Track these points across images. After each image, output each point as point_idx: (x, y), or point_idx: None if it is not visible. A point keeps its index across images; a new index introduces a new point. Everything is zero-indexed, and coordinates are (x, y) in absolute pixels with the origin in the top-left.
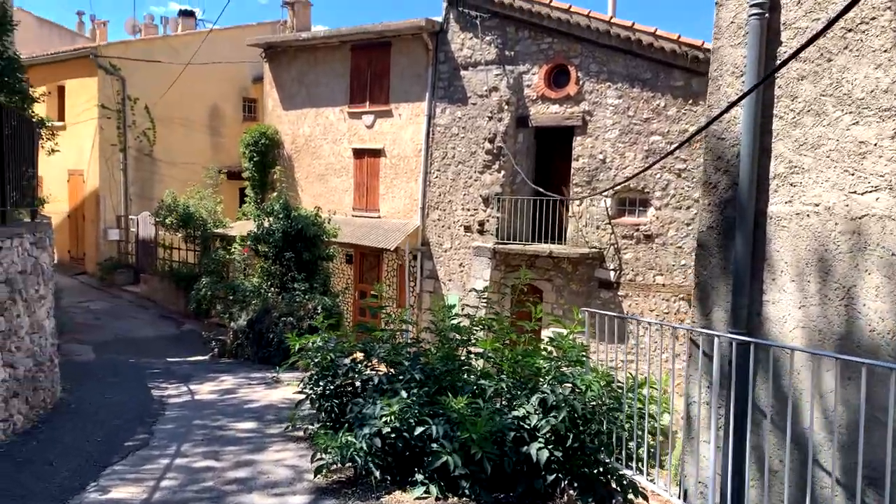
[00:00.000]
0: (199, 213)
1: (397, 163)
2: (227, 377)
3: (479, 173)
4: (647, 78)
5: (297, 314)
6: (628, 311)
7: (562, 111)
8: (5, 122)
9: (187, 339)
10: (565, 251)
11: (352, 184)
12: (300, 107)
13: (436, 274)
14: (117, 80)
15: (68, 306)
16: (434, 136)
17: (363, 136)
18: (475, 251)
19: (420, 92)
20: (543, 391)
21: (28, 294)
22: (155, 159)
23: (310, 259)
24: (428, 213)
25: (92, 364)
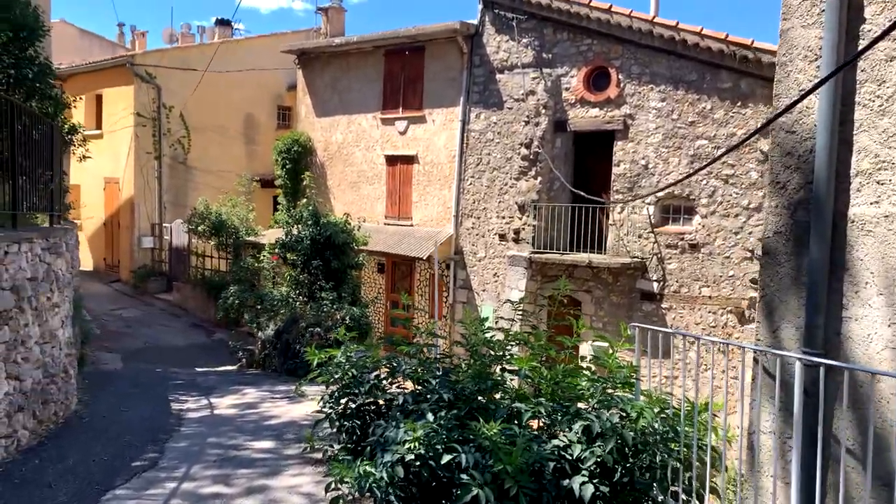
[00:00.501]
0: (231, 221)
1: (430, 169)
2: (250, 390)
3: (515, 180)
4: (693, 80)
5: (324, 324)
6: (672, 325)
7: (602, 115)
8: (20, 124)
9: (217, 348)
10: (605, 261)
11: (384, 191)
12: (333, 113)
13: (469, 284)
14: (153, 88)
15: (101, 314)
16: (468, 141)
17: (396, 142)
18: (510, 260)
19: (454, 97)
20: (588, 417)
21: (39, 302)
22: (189, 167)
23: (338, 267)
24: (462, 221)
25: (117, 373)
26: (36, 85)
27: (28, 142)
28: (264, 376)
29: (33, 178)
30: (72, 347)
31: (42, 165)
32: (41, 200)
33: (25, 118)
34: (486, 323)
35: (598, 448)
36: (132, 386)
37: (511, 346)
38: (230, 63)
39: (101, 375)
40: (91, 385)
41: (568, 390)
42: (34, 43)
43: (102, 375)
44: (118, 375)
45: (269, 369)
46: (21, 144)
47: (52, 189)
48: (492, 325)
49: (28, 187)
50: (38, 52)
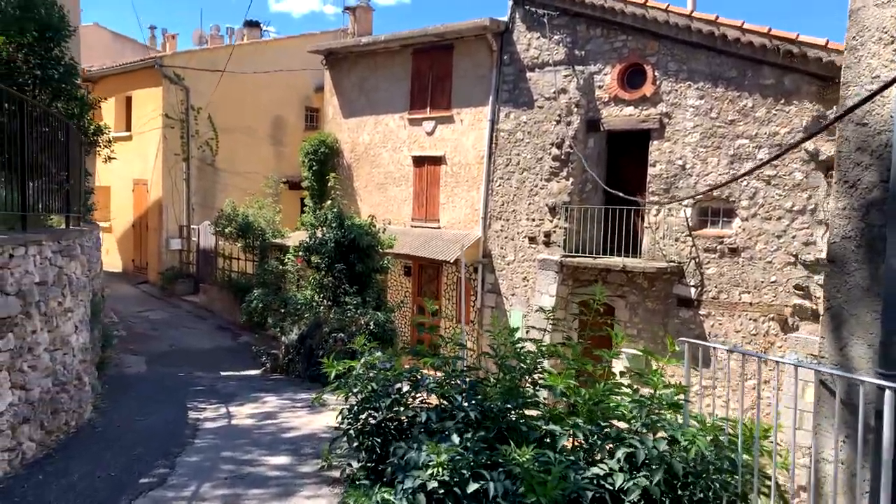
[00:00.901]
0: (258, 223)
1: (458, 171)
2: (270, 397)
3: (546, 181)
4: (733, 76)
5: (347, 330)
6: (710, 332)
7: (637, 113)
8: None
9: (242, 351)
10: (640, 265)
11: (411, 193)
12: (360, 114)
13: (498, 288)
14: (181, 89)
15: (128, 315)
16: (497, 141)
17: (423, 143)
18: (540, 264)
19: (483, 96)
20: (632, 443)
21: (49, 307)
22: (217, 169)
23: (363, 271)
24: (490, 224)
25: (140, 378)
26: (62, 85)
27: (41, 141)
28: (287, 382)
29: (47, 179)
30: (87, 353)
31: (58, 165)
32: (56, 201)
33: (37, 116)
34: (517, 331)
35: (644, 478)
36: (152, 391)
37: (543, 359)
38: (258, 64)
39: (123, 380)
40: (111, 390)
41: (608, 411)
42: (60, 43)
43: (124, 380)
44: (140, 380)
45: (293, 375)
46: (32, 143)
47: (68, 189)
48: (522, 335)
49: (41, 188)
50: (64, 53)
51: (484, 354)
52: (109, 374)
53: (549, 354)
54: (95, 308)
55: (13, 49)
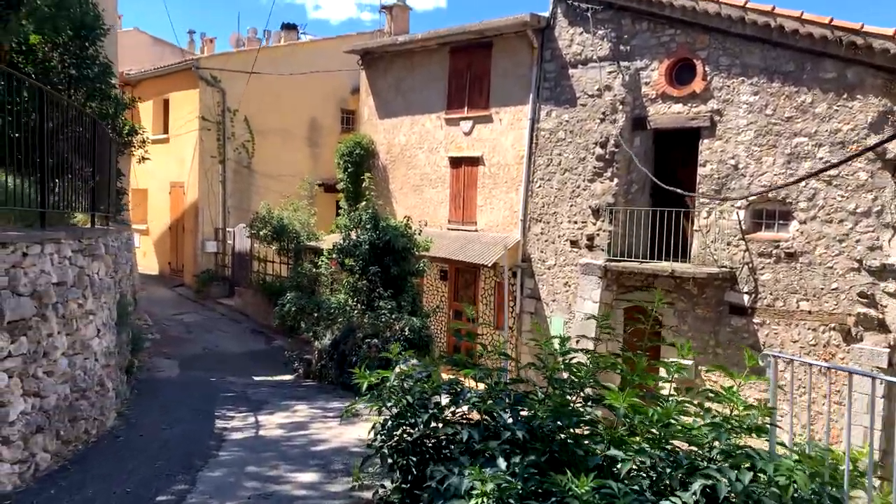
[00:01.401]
0: (293, 226)
1: (497, 172)
2: (302, 406)
3: (589, 182)
4: (790, 70)
5: (382, 335)
6: (765, 342)
7: (685, 111)
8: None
9: (275, 355)
10: (690, 270)
11: (448, 195)
12: (396, 115)
13: (538, 293)
14: (218, 91)
15: (162, 318)
16: (538, 141)
17: (460, 143)
18: (583, 269)
19: (523, 94)
20: (710, 474)
21: (67, 310)
22: (253, 171)
23: (398, 274)
24: (530, 226)
25: (170, 382)
26: (97, 85)
27: (64, 136)
28: (319, 389)
29: (71, 176)
30: (112, 357)
31: (83, 162)
32: (81, 199)
33: (59, 108)
34: (567, 340)
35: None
36: (181, 397)
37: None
38: (294, 66)
39: (154, 384)
40: (139, 395)
41: (677, 433)
42: (95, 42)
43: (155, 384)
44: (171, 384)
45: (325, 381)
46: (52, 138)
47: (93, 187)
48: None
49: (65, 185)
50: (99, 52)
51: (529, 366)
52: (140, 379)
53: (605, 367)
54: (122, 310)
55: (48, 48)
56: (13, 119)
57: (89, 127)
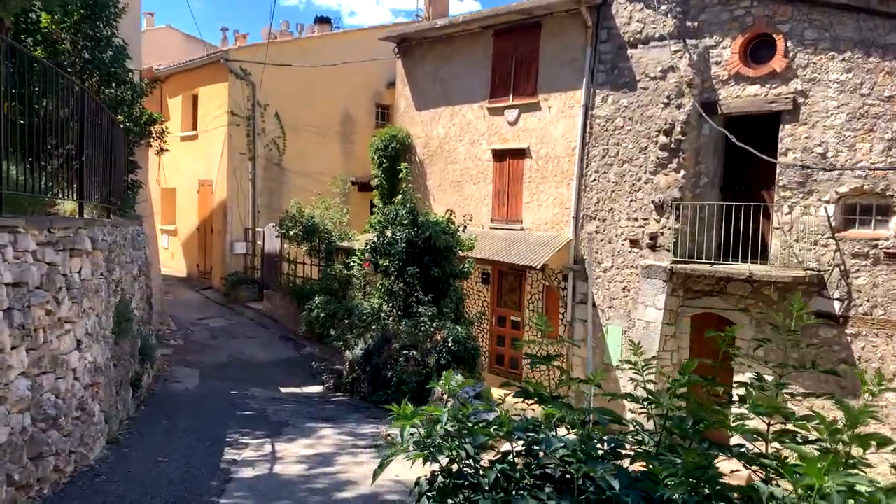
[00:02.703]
0: (324, 225)
1: (545, 164)
2: (328, 430)
3: (651, 174)
4: (891, 43)
5: (421, 346)
6: (860, 357)
7: (763, 93)
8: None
9: (304, 364)
10: (770, 273)
11: (490, 191)
12: (434, 105)
13: (592, 299)
14: (247, 85)
15: (187, 323)
16: (592, 130)
17: (505, 134)
18: (645, 271)
19: (575, 79)
20: None
21: (30, 318)
22: (284, 169)
23: (439, 276)
24: (583, 225)
25: (186, 396)
26: (111, 69)
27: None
28: (349, 407)
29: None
30: (101, 374)
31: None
32: (63, 184)
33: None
34: (615, 347)
35: None
36: (193, 416)
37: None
38: (328, 58)
39: (165, 399)
40: (147, 414)
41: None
42: (109, 22)
43: (166, 399)
44: (185, 399)
45: (357, 396)
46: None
47: (80, 170)
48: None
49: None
50: (114, 33)
51: (625, 397)
52: (154, 392)
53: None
54: (122, 316)
55: (60, 30)
56: None
57: (78, 100)
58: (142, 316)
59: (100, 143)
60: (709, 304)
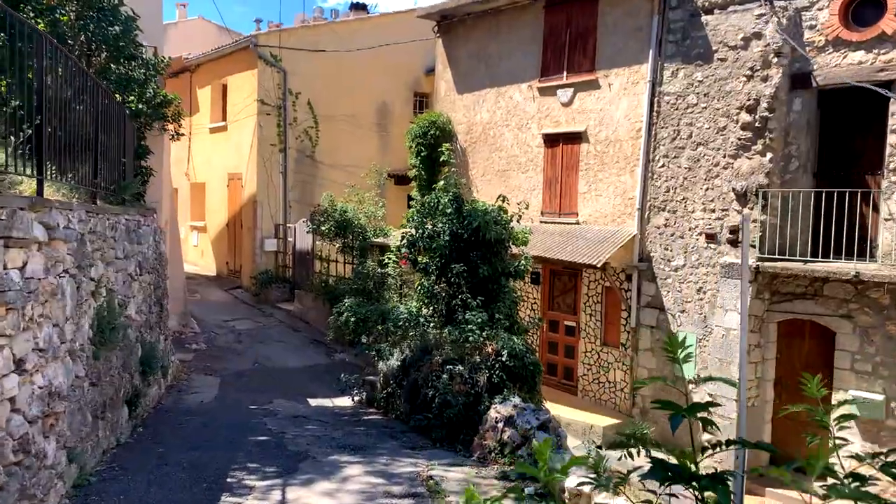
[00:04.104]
0: (358, 219)
1: (604, 149)
2: (356, 467)
3: (731, 158)
4: None
5: (468, 360)
6: None
7: (869, 60)
8: None
9: (336, 372)
10: (880, 273)
11: (540, 180)
12: (478, 88)
13: (660, 301)
14: (278, 72)
15: (212, 325)
16: (660, 109)
17: (557, 116)
18: (725, 270)
19: (639, 52)
20: None
21: None
22: (317, 161)
23: (489, 275)
24: (650, 217)
25: (196, 413)
26: (119, 45)
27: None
28: (383, 430)
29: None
30: (63, 401)
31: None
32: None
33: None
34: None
35: None
36: (194, 443)
37: None
38: (363, 44)
39: (172, 418)
40: (142, 438)
41: None
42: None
43: (173, 418)
44: (194, 418)
45: (392, 414)
46: None
47: (34, 138)
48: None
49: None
50: (121, 2)
51: (655, 405)
52: (162, 406)
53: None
54: (106, 323)
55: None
56: None
57: (36, 49)
58: (146, 320)
59: (77, 113)
60: (800, 309)
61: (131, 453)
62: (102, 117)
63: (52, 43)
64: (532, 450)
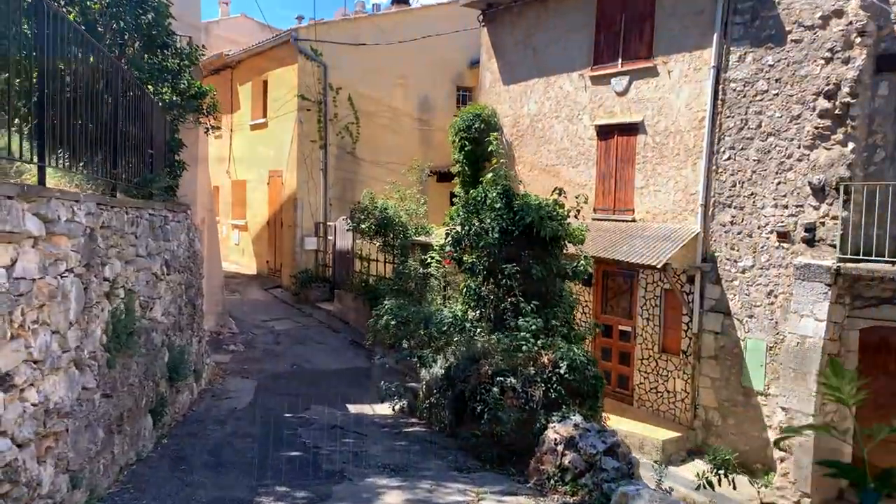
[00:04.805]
0: (398, 217)
1: (663, 141)
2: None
3: (807, 148)
4: None
5: (522, 372)
6: None
7: None
8: None
9: (376, 376)
10: None
11: (593, 175)
12: (525, 78)
13: (725, 305)
14: (318, 66)
15: (250, 325)
16: (725, 97)
17: (611, 107)
18: (799, 272)
19: (701, 35)
20: None
21: None
22: (357, 158)
23: (543, 276)
24: (714, 214)
25: (226, 423)
26: (152, 32)
27: None
28: (427, 445)
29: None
30: (69, 417)
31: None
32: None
33: None
34: None
35: None
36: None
37: None
38: (405, 37)
39: (199, 428)
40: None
41: None
42: None
43: (200, 428)
44: (224, 427)
45: (436, 426)
46: None
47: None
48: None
49: None
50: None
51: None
52: (192, 414)
53: None
54: (122, 326)
55: None
56: None
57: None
58: (174, 322)
59: (93, 95)
60: (886, 315)
61: (151, 470)
62: (125, 103)
63: (65, 17)
64: (598, 479)
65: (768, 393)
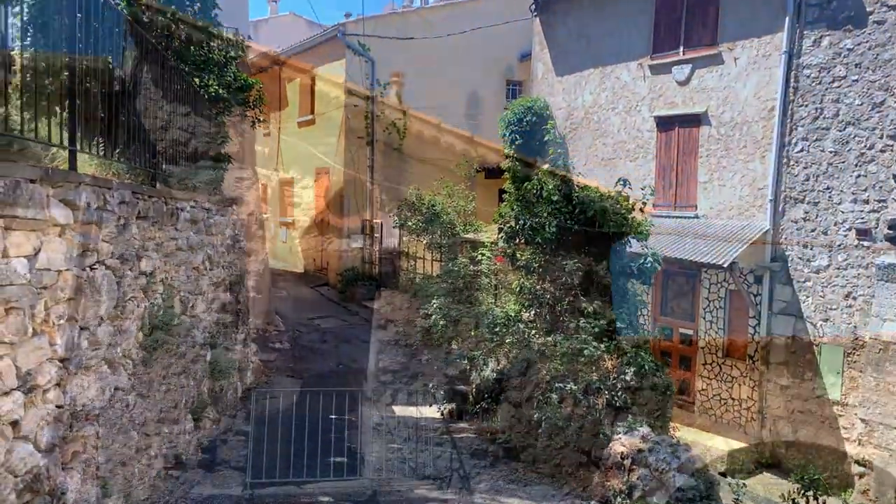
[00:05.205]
0: (446, 214)
1: (729, 133)
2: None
3: (891, 138)
4: None
5: (582, 378)
6: None
7: None
8: None
9: (423, 376)
10: None
11: (652, 168)
12: (579, 68)
13: (797, 308)
14: (366, 62)
15: (297, 323)
16: (798, 85)
17: (672, 97)
18: (882, 273)
19: (771, 19)
20: None
21: None
22: (404, 154)
23: (606, 274)
24: (785, 210)
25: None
26: (198, 23)
27: None
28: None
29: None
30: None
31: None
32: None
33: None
34: None
35: None
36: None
37: None
38: (453, 31)
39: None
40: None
41: None
42: None
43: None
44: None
45: (487, 433)
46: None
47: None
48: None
49: None
50: None
51: None
52: (236, 414)
53: None
54: (160, 322)
55: None
56: None
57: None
58: (217, 320)
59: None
60: None
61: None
62: (169, 94)
63: None
64: (672, 499)
65: (846, 403)
